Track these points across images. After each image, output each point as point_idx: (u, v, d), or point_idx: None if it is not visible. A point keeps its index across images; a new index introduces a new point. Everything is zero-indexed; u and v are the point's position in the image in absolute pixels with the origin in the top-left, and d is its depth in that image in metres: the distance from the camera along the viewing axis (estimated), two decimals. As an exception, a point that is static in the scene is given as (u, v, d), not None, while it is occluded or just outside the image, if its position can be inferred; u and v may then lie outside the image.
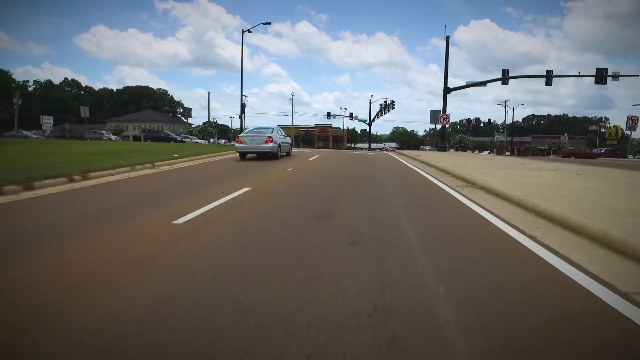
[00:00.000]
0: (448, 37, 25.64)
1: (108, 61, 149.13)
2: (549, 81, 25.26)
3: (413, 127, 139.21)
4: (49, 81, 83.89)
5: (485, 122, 76.76)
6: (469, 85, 26.63)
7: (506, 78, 25.52)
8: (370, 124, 51.48)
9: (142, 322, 1.89)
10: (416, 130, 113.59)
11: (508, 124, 62.87)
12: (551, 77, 25.29)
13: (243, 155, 14.15)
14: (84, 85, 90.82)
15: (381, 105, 46.80)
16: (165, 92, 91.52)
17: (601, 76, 24.37)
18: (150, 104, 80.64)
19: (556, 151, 60.28)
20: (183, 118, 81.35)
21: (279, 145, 14.27)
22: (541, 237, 3.38)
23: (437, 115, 26.55)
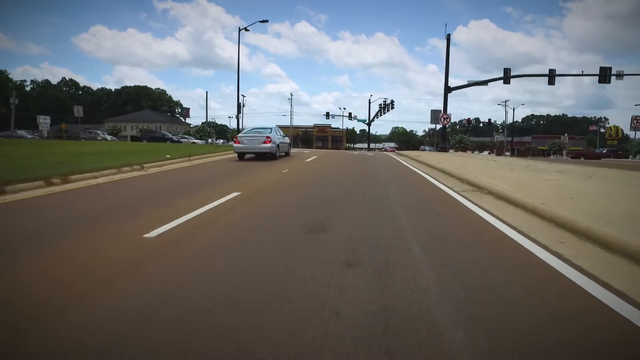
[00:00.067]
0: (449, 36, 25.21)
1: (107, 61, 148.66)
2: (552, 80, 24.81)
3: (412, 127, 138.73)
4: (47, 81, 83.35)
5: (485, 122, 76.42)
6: (470, 84, 26.14)
7: (508, 77, 25.05)
8: (369, 124, 51.02)
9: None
10: (415, 130, 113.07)
11: (508, 124, 62.44)
12: (554, 76, 24.84)
13: (241, 155, 13.88)
14: (82, 85, 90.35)
15: (380, 105, 46.41)
16: (163, 92, 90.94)
17: (605, 75, 23.92)
18: (148, 104, 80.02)
19: (557, 151, 59.86)
20: (181, 118, 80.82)
21: (278, 145, 13.99)
22: (569, 255, 2.89)
23: (438, 115, 26.06)
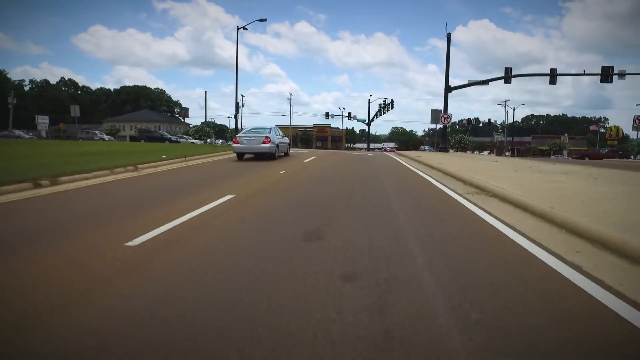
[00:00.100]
0: (449, 35, 24.94)
1: (107, 61, 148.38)
2: (553, 80, 24.55)
3: (412, 127, 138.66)
4: (45, 81, 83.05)
5: (485, 122, 76.16)
6: (471, 83, 25.87)
7: (509, 76, 24.80)
8: (369, 124, 50.78)
9: None
10: (415, 130, 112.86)
11: (508, 124, 62.18)
12: (555, 76, 24.59)
13: (240, 155, 13.79)
14: (81, 85, 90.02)
15: (380, 104, 46.18)
16: (163, 92, 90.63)
17: (607, 75, 23.67)
18: (147, 104, 79.75)
19: (557, 152, 59.60)
20: (181, 118, 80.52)
21: (277, 145, 13.91)
22: (589, 268, 2.64)
23: (438, 114, 25.81)
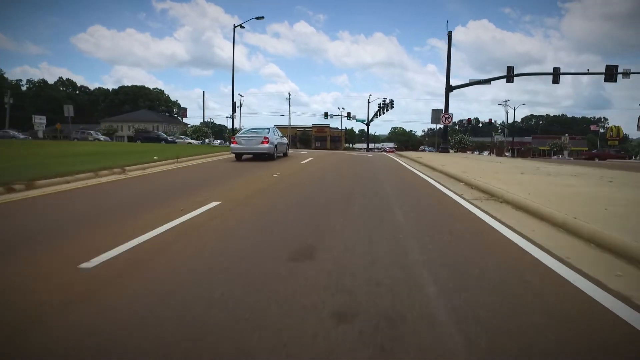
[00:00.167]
0: (450, 33, 24.40)
1: (106, 61, 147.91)
2: (556, 79, 24.06)
3: (411, 127, 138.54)
4: (43, 80, 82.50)
5: (485, 123, 75.74)
6: (472, 83, 25.38)
7: (511, 76, 24.33)
8: (368, 124, 50.30)
9: None
10: (414, 130, 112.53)
11: (508, 124, 61.74)
12: (558, 75, 24.12)
13: (239, 156, 13.67)
14: (80, 84, 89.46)
15: (379, 104, 45.70)
16: (161, 92, 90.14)
17: (611, 74, 23.19)
18: (146, 104, 79.28)
19: (558, 152, 59.10)
20: (179, 118, 79.94)
21: (276, 146, 13.78)
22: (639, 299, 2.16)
23: (439, 114, 25.32)
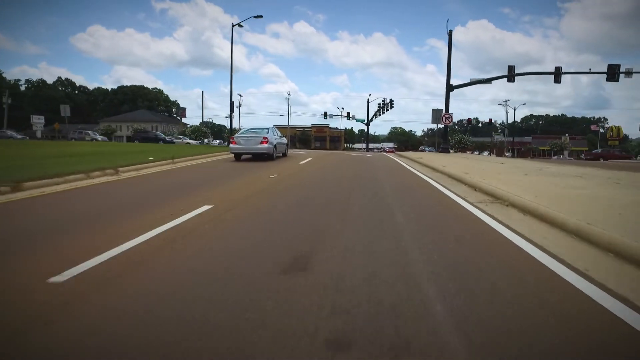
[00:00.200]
0: (451, 32, 24.13)
1: (105, 61, 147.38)
2: (558, 78, 23.83)
3: (411, 127, 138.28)
4: (42, 80, 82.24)
5: (485, 122, 75.51)
6: (474, 82, 25.13)
7: (512, 75, 24.09)
8: (368, 124, 50.09)
9: None
10: (414, 130, 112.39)
11: (508, 124, 61.52)
12: (560, 74, 23.88)
13: (238, 156, 13.68)
14: (79, 84, 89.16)
15: (379, 104, 45.48)
16: (160, 92, 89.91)
17: (613, 73, 22.96)
18: (145, 104, 79.04)
19: (558, 152, 58.83)
20: (178, 118, 79.66)
21: (275, 146, 13.75)
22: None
23: (440, 114, 25.08)
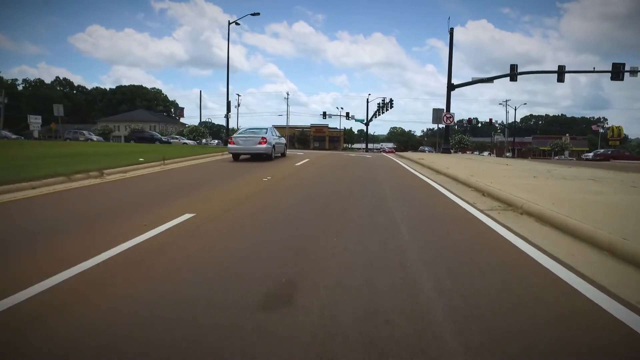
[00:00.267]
0: (452, 30, 23.68)
1: (104, 61, 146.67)
2: (561, 77, 23.38)
3: (410, 128, 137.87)
4: (39, 80, 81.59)
5: (484, 122, 75.13)
6: (475, 81, 24.65)
7: (515, 74, 23.62)
8: (367, 124, 49.61)
9: None
10: (413, 130, 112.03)
11: (508, 124, 61.08)
12: (563, 73, 23.43)
13: (236, 156, 13.62)
14: (77, 84, 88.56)
15: (379, 104, 44.99)
16: (159, 92, 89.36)
17: (618, 72, 22.51)
18: (143, 104, 78.50)
19: (559, 152, 58.34)
20: (177, 118, 79.09)
21: (273, 146, 13.66)
22: None
23: (441, 114, 24.60)
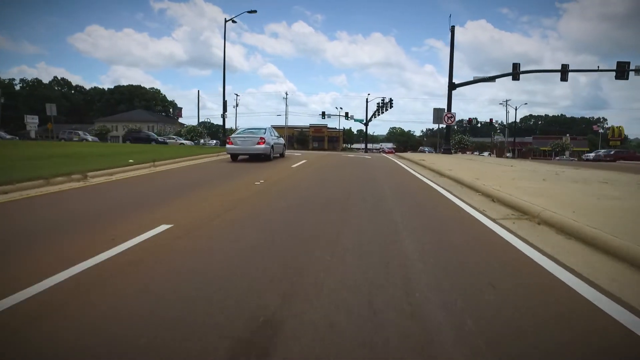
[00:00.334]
0: (453, 27, 23.17)
1: (104, 61, 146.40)
2: (565, 76, 22.93)
3: (410, 128, 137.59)
4: (37, 80, 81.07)
5: (486, 122, 74.69)
6: (477, 80, 24.18)
7: (517, 73, 23.14)
8: (366, 124, 49.12)
9: None
10: (413, 130, 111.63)
11: (508, 124, 60.62)
12: (567, 72, 22.97)
13: (234, 157, 13.50)
14: (75, 84, 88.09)
15: (378, 104, 44.57)
16: (158, 92, 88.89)
17: (622, 71, 22.05)
18: (142, 104, 78.06)
19: (559, 152, 57.83)
20: (175, 118, 78.55)
21: (272, 146, 13.55)
22: None
23: (441, 114, 24.12)
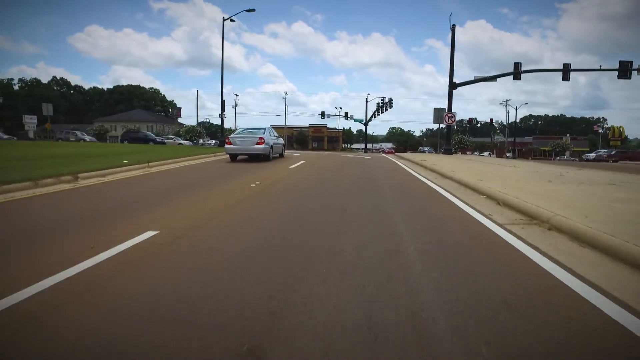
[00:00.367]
0: (454, 26, 22.92)
1: (103, 61, 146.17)
2: (566, 75, 22.67)
3: (409, 128, 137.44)
4: (36, 79, 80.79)
5: (486, 122, 74.51)
6: (478, 80, 23.91)
7: (518, 72, 22.88)
8: (366, 124, 48.83)
9: None
10: (412, 130, 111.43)
11: (508, 124, 60.37)
12: (569, 71, 22.72)
13: (233, 157, 13.49)
14: (74, 84, 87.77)
15: (378, 104, 44.30)
16: (157, 92, 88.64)
17: (625, 70, 21.80)
18: (141, 104, 77.79)
19: (560, 152, 57.59)
20: (174, 118, 78.29)
21: (271, 146, 13.56)
22: None
23: (442, 114, 23.87)
